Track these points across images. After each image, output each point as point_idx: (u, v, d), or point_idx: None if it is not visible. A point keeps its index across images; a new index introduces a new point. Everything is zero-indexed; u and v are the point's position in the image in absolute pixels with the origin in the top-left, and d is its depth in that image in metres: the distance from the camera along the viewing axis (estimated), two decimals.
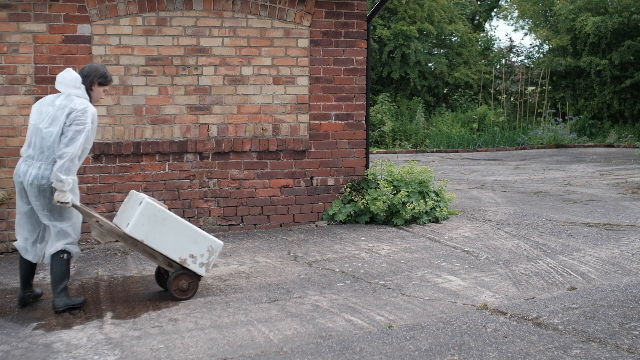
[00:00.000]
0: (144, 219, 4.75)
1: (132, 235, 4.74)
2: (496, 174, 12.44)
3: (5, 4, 6.39)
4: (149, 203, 4.79)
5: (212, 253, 4.94)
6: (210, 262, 4.96)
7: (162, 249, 4.82)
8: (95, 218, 4.76)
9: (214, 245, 4.96)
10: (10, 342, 4.11)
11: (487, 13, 27.74)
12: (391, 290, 5.06)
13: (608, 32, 19.31)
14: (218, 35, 7.13)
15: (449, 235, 6.94)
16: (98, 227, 4.76)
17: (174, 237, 4.83)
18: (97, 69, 4.92)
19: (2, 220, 6.50)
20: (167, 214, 4.84)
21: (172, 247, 4.84)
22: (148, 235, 4.77)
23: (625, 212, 8.14)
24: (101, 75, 4.89)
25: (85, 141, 4.62)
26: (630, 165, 13.55)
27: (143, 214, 4.75)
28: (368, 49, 7.70)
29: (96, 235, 4.79)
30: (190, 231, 4.89)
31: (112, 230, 4.80)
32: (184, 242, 4.86)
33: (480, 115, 19.74)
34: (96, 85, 4.89)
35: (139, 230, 4.74)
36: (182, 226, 4.87)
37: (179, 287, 4.89)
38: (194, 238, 4.89)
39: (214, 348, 3.96)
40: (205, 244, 4.93)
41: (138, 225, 4.74)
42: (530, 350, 3.79)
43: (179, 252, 4.85)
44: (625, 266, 5.61)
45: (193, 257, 4.88)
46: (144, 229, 4.75)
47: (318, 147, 7.57)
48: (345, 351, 3.84)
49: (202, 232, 4.96)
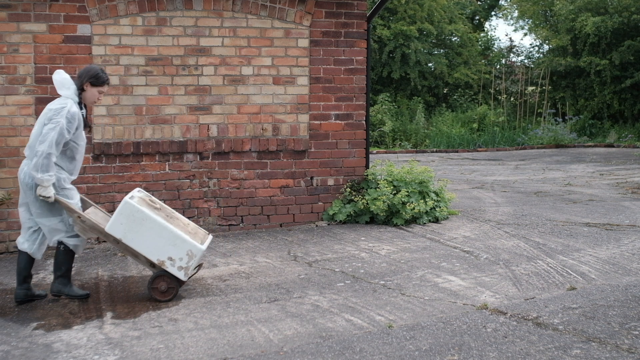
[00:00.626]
0: (122, 218, 4.79)
1: (111, 233, 4.79)
2: (496, 174, 12.45)
3: (5, 4, 6.39)
4: (127, 202, 4.81)
5: (192, 257, 4.87)
6: (190, 266, 4.88)
7: (140, 249, 4.83)
8: (77, 214, 4.81)
9: (194, 250, 4.88)
10: (10, 342, 4.11)
11: (487, 12, 27.73)
12: (391, 290, 5.06)
13: (608, 32, 19.31)
14: (218, 35, 7.13)
15: (449, 235, 6.94)
16: (80, 223, 4.84)
17: (152, 238, 4.82)
18: (90, 69, 4.95)
19: (2, 220, 6.50)
20: (145, 214, 4.81)
21: (150, 248, 4.83)
22: (126, 234, 4.80)
23: (625, 212, 8.14)
24: (92, 76, 4.91)
25: (59, 138, 4.68)
26: (630, 165, 13.55)
27: (121, 212, 4.80)
28: (368, 49, 7.70)
29: (78, 231, 4.88)
30: (169, 233, 4.84)
31: (93, 227, 4.86)
32: (162, 243, 4.83)
33: (480, 115, 19.73)
34: (88, 86, 4.92)
35: (117, 228, 4.79)
36: (160, 228, 4.84)
37: (158, 288, 4.88)
38: (173, 241, 4.85)
39: (214, 348, 3.96)
40: (185, 247, 4.86)
41: (116, 223, 4.80)
42: (530, 350, 3.79)
43: (157, 253, 4.84)
44: (625, 266, 5.61)
45: (171, 259, 4.84)
46: (122, 228, 4.79)
47: (318, 147, 7.57)
48: (345, 351, 3.84)
49: (182, 235, 4.88)
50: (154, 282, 4.87)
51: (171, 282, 4.88)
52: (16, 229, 6.50)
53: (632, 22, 19.41)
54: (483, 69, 22.53)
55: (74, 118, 4.78)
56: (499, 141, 18.43)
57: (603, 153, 16.42)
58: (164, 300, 4.86)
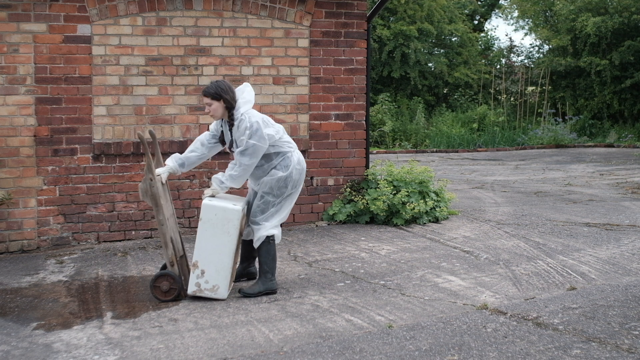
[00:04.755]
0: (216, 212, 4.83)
1: (203, 210, 4.81)
2: (496, 174, 12.45)
3: (5, 4, 6.39)
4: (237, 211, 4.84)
5: (214, 289, 4.84)
6: (203, 289, 4.83)
7: (199, 244, 4.82)
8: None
9: (221, 286, 4.84)
10: (10, 342, 4.11)
11: (487, 10, 27.72)
12: (391, 290, 5.06)
13: (608, 32, 19.31)
14: (218, 35, 7.13)
15: (449, 235, 6.94)
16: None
17: (214, 244, 4.81)
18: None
19: (2, 220, 6.50)
20: (233, 227, 4.82)
21: (205, 250, 4.82)
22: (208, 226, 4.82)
23: (625, 212, 8.14)
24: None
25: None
26: (630, 165, 13.55)
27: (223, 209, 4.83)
28: (368, 49, 7.70)
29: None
30: (227, 259, 4.84)
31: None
32: (215, 256, 4.82)
33: (480, 115, 19.72)
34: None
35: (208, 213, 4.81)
36: (228, 242, 4.85)
37: (160, 287, 4.87)
38: (223, 267, 4.83)
39: (214, 348, 3.96)
40: (219, 278, 4.83)
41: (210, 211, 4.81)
42: (530, 350, 3.79)
43: (202, 257, 4.83)
44: (625, 266, 5.61)
45: (203, 273, 4.83)
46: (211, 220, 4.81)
47: (318, 147, 7.57)
48: (345, 351, 3.85)
49: (230, 268, 4.87)
50: (157, 280, 4.87)
51: (174, 283, 4.88)
52: (16, 229, 6.51)
53: (632, 22, 19.41)
54: (483, 69, 22.52)
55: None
56: (499, 141, 18.43)
57: (603, 153, 16.42)
58: (164, 300, 4.85)
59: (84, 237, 6.76)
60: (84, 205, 6.75)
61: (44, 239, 6.62)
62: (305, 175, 5.21)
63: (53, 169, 6.63)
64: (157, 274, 4.89)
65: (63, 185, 6.67)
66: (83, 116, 6.71)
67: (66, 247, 6.64)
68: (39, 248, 6.59)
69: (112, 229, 6.87)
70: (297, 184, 5.09)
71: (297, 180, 5.06)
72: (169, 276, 4.85)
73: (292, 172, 5.02)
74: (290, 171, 5.02)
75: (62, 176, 6.67)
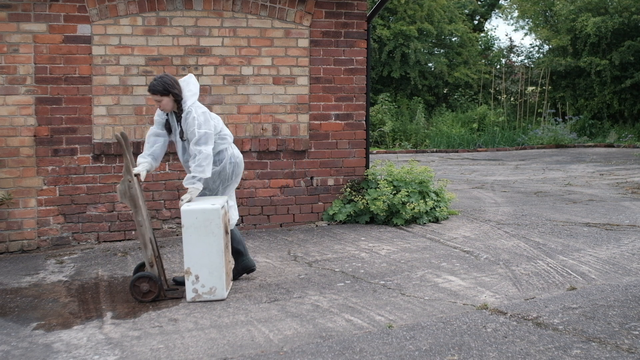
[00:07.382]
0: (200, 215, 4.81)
1: (183, 216, 4.80)
2: (496, 174, 12.45)
3: (5, 4, 6.39)
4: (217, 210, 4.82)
5: (212, 292, 4.81)
6: (202, 294, 4.81)
7: (187, 251, 4.80)
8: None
9: (217, 287, 4.83)
10: (10, 342, 4.11)
11: (487, 10, 27.71)
12: (391, 290, 5.06)
13: (608, 32, 19.31)
14: (218, 35, 7.13)
15: (449, 235, 6.94)
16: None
17: (202, 247, 4.79)
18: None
19: (2, 220, 6.50)
20: (216, 226, 4.80)
21: (194, 255, 4.79)
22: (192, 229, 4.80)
23: (625, 212, 8.14)
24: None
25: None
26: (630, 165, 13.56)
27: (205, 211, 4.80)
28: (368, 49, 7.70)
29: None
30: (218, 259, 4.82)
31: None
32: (206, 259, 4.80)
33: (480, 115, 19.73)
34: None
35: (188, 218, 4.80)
36: (215, 242, 4.82)
37: (141, 289, 4.85)
38: (215, 267, 4.81)
39: (214, 348, 3.96)
40: (214, 279, 4.81)
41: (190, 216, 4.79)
42: (530, 350, 3.79)
43: (193, 263, 4.81)
44: (625, 266, 5.61)
45: (198, 278, 4.81)
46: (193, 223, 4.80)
47: (318, 147, 7.57)
48: (345, 351, 3.85)
49: (223, 267, 4.84)
50: (137, 281, 4.85)
51: (154, 285, 4.86)
52: (16, 229, 6.51)
53: (632, 23, 19.41)
54: (483, 69, 22.53)
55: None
56: (499, 141, 18.43)
57: (603, 153, 16.42)
58: (144, 301, 4.83)
59: (84, 237, 6.76)
60: (84, 205, 6.76)
61: (44, 239, 6.62)
62: (243, 167, 5.42)
63: (53, 169, 6.63)
64: (138, 274, 4.88)
65: (63, 185, 6.67)
66: (83, 116, 6.71)
67: (66, 247, 6.64)
68: (39, 248, 6.59)
69: (112, 229, 6.87)
70: (233, 175, 5.33)
71: (230, 173, 5.30)
72: (149, 278, 4.84)
73: (226, 166, 5.27)
74: (224, 165, 5.26)
75: (62, 176, 6.67)
